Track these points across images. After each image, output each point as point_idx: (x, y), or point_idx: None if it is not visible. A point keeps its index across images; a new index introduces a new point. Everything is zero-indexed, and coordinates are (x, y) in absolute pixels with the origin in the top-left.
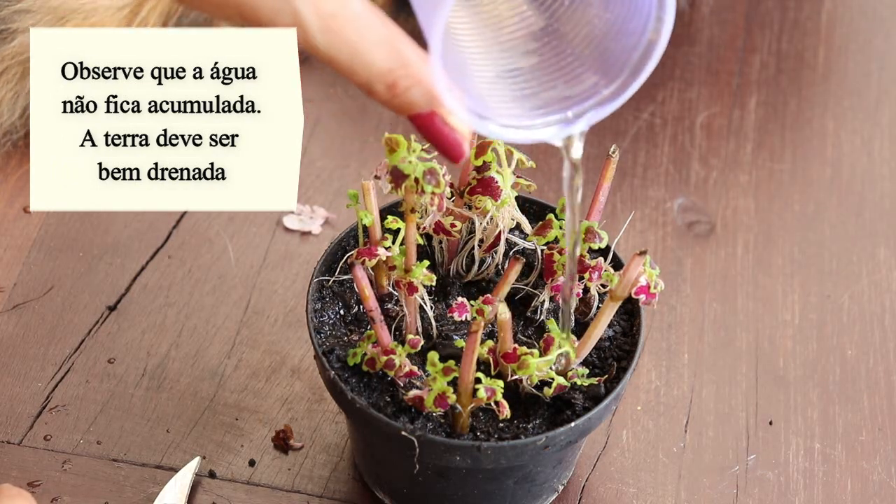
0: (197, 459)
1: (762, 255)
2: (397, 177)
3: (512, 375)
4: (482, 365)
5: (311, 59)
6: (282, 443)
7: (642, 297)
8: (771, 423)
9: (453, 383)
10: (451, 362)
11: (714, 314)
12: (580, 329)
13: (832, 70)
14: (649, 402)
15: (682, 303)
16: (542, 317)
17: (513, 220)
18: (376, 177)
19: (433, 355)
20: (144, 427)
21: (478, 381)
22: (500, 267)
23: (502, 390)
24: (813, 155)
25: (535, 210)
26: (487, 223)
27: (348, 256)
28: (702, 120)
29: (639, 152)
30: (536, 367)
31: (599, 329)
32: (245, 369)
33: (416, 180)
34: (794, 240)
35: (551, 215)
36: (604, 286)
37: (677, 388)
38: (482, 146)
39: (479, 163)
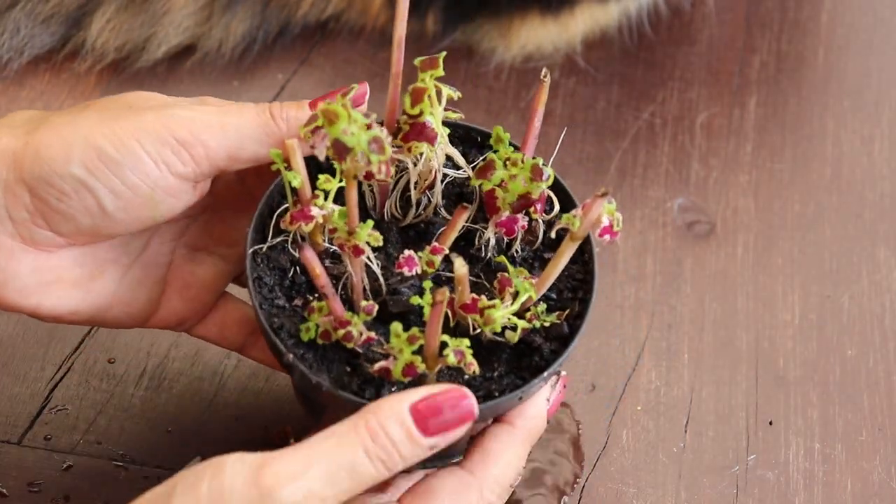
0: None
1: (762, 255)
2: (340, 150)
3: (474, 330)
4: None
5: (310, 59)
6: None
7: (606, 238)
8: (771, 423)
9: (418, 350)
10: (416, 330)
11: (714, 314)
12: (531, 259)
13: (832, 70)
14: (649, 402)
15: (682, 303)
16: (488, 254)
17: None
18: (311, 146)
19: (396, 326)
20: (144, 427)
21: (443, 344)
22: (437, 208)
23: (470, 350)
24: (813, 155)
25: (460, 134)
26: (422, 165)
27: (280, 218)
28: (702, 120)
29: (639, 152)
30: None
31: (558, 269)
32: (245, 369)
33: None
34: (794, 240)
35: (492, 155)
36: (550, 223)
37: (677, 388)
38: (418, 93)
39: (416, 111)
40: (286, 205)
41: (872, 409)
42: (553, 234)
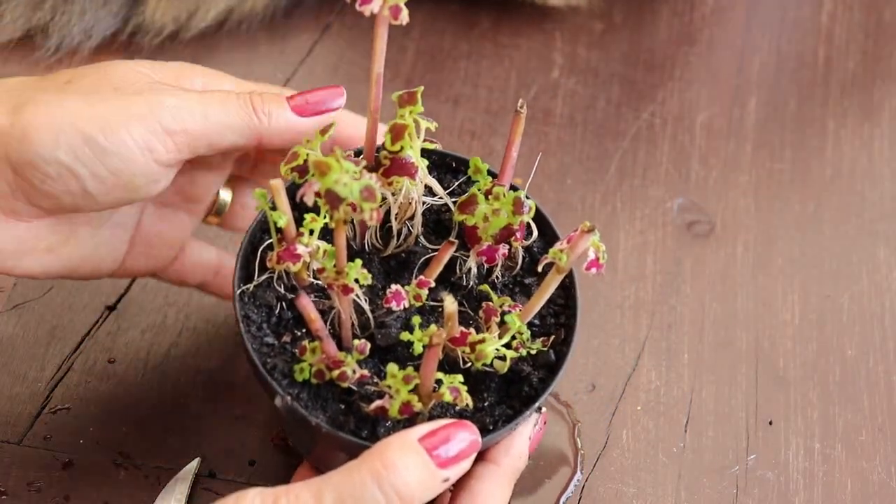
0: (197, 460)
1: (762, 255)
2: (333, 200)
3: (465, 364)
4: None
5: (309, 60)
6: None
7: (593, 271)
8: (771, 423)
9: (414, 389)
10: (411, 370)
11: (714, 314)
12: (511, 285)
13: (832, 70)
14: (649, 402)
15: (682, 303)
16: (470, 282)
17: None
18: (301, 195)
19: (392, 368)
20: (144, 427)
21: (438, 381)
22: (417, 237)
23: (464, 386)
24: (813, 155)
25: (435, 160)
26: (402, 197)
27: (264, 255)
28: (702, 120)
29: (639, 152)
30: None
31: (543, 299)
32: (245, 369)
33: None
34: (794, 240)
35: (474, 190)
36: (528, 248)
37: (677, 388)
38: (398, 130)
39: (397, 148)
40: (269, 240)
41: (872, 409)
42: (540, 269)
